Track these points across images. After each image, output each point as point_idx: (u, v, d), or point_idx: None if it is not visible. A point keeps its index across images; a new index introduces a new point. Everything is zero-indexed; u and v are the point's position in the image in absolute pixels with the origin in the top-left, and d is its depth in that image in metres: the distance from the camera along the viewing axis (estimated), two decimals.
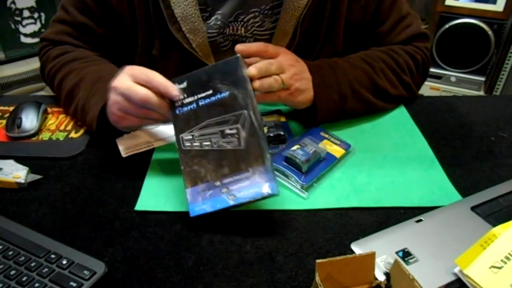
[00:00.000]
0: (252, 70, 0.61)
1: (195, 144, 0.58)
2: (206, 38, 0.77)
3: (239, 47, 0.65)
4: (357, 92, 0.74)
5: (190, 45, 0.76)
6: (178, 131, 0.59)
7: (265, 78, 0.64)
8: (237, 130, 0.56)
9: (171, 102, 0.60)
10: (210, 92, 0.59)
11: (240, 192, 0.54)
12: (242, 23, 0.77)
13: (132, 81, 0.60)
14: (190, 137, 0.58)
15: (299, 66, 0.70)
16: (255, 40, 0.79)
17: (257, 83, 0.62)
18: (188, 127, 0.59)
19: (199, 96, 0.59)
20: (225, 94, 0.58)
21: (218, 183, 0.56)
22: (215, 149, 0.57)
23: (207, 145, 0.57)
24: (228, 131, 0.57)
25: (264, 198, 0.54)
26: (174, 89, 0.59)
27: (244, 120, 0.57)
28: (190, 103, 0.59)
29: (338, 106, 0.73)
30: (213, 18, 0.76)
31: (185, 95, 0.60)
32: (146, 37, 0.78)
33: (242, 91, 0.58)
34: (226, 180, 0.55)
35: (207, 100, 0.59)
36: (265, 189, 0.54)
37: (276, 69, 0.65)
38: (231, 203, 0.54)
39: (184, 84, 0.60)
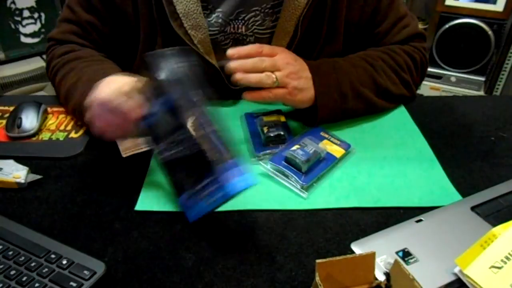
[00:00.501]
0: (229, 51, 0.64)
1: (168, 153, 0.56)
2: (207, 34, 0.77)
3: (229, 52, 0.66)
4: (358, 91, 0.74)
5: (192, 42, 0.76)
6: (154, 142, 0.58)
7: (253, 73, 0.65)
8: (184, 135, 0.55)
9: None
10: (163, 97, 0.56)
11: (212, 197, 0.54)
12: (243, 21, 0.78)
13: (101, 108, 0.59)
14: (164, 146, 0.57)
15: (297, 64, 0.70)
16: (256, 38, 0.80)
17: (238, 75, 0.64)
18: (160, 137, 0.57)
19: (160, 101, 0.56)
20: (168, 98, 0.56)
21: (194, 190, 0.55)
22: (181, 157, 0.55)
23: (175, 153, 0.56)
24: (179, 137, 0.55)
25: (237, 194, 0.53)
26: (136, 112, 0.57)
27: (185, 124, 0.55)
28: (156, 112, 0.57)
29: (339, 106, 0.73)
30: (214, 15, 0.77)
31: (152, 103, 0.57)
32: (149, 34, 0.78)
33: (172, 94, 0.55)
34: (198, 187, 0.54)
35: (163, 106, 0.56)
36: (232, 188, 0.52)
37: (269, 66, 0.67)
38: (208, 208, 0.54)
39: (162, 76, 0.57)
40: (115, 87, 0.59)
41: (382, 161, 0.68)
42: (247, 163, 0.53)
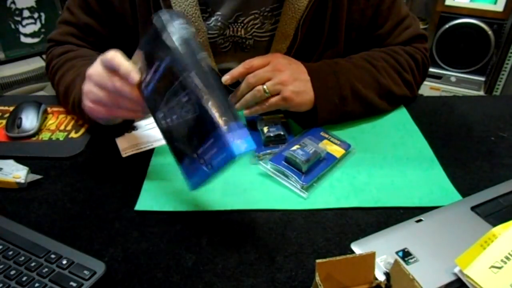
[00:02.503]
0: (223, 80, 0.69)
1: (168, 120, 0.56)
2: (206, 38, 0.77)
3: (223, 80, 0.69)
4: (359, 93, 0.74)
5: None
6: (152, 112, 0.58)
7: (246, 94, 0.69)
8: (188, 96, 0.52)
9: (139, 87, 0.58)
10: (158, 63, 0.55)
11: (213, 160, 0.51)
12: (242, 24, 0.77)
13: (104, 68, 0.59)
14: (162, 114, 0.56)
15: (292, 69, 0.71)
16: (255, 41, 0.79)
17: (237, 106, 0.70)
18: (158, 105, 0.56)
19: (153, 70, 0.56)
20: (167, 61, 0.54)
21: (195, 156, 0.53)
22: (181, 122, 0.54)
23: (175, 118, 0.55)
24: (183, 99, 0.53)
25: (240, 156, 0.50)
26: (134, 73, 0.57)
27: (192, 82, 0.51)
28: (150, 80, 0.57)
29: (338, 109, 0.73)
30: (213, 18, 0.77)
31: (145, 74, 0.57)
32: None
33: (182, 47, 0.53)
34: (199, 151, 0.52)
35: (159, 72, 0.55)
36: (236, 149, 0.49)
37: (257, 81, 0.69)
38: (209, 172, 0.52)
39: (140, 63, 0.58)
40: (101, 61, 0.60)
41: (382, 161, 0.68)
42: (245, 127, 0.51)
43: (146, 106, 0.59)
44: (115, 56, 0.58)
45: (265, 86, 0.68)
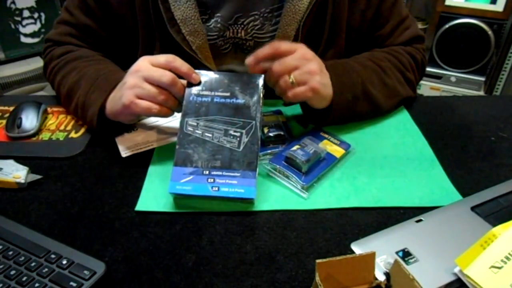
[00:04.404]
0: (248, 60, 0.65)
1: (197, 131, 0.62)
2: (206, 40, 0.77)
3: (248, 61, 0.66)
4: (368, 93, 0.73)
5: (190, 47, 0.76)
6: (184, 115, 0.63)
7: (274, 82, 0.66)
8: (240, 134, 0.61)
9: (187, 90, 0.64)
10: (228, 94, 0.64)
11: (225, 186, 0.58)
12: (242, 26, 0.77)
13: (153, 65, 0.63)
14: (195, 123, 0.62)
15: (318, 60, 0.67)
16: (255, 43, 0.79)
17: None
18: (196, 114, 0.63)
19: (217, 93, 0.64)
20: (240, 101, 0.64)
21: (206, 172, 0.59)
22: (214, 142, 0.61)
23: (208, 136, 0.61)
24: (232, 132, 0.62)
25: (242, 200, 0.59)
26: (194, 71, 0.64)
27: (251, 129, 0.62)
28: (206, 95, 0.64)
29: (350, 108, 0.72)
30: (212, 20, 0.76)
31: (204, 87, 0.65)
32: (147, 40, 0.78)
33: (256, 105, 0.63)
34: (214, 172, 0.59)
35: (222, 100, 0.64)
36: (249, 193, 0.58)
37: (284, 69, 0.64)
38: (212, 193, 0.58)
39: (204, 78, 0.65)
40: (150, 60, 0.65)
41: (382, 161, 0.68)
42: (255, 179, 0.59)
43: (182, 106, 0.64)
44: (175, 56, 0.64)
45: (292, 76, 0.64)
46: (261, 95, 0.64)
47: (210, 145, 0.61)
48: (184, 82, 0.65)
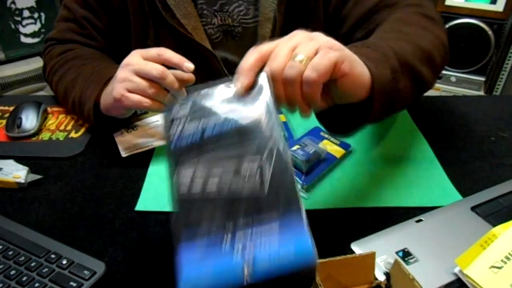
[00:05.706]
0: (238, 86, 0.44)
1: (195, 186, 0.39)
2: (199, 22, 0.79)
3: (239, 88, 0.44)
4: (405, 62, 0.55)
5: (186, 30, 0.77)
6: (173, 171, 0.42)
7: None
8: (258, 166, 0.39)
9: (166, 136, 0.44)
10: (225, 114, 0.42)
11: (261, 253, 0.34)
12: (228, 13, 0.79)
13: (144, 59, 0.62)
14: (190, 173, 0.41)
15: (323, 37, 0.46)
16: (243, 28, 0.80)
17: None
18: (188, 164, 0.41)
19: (209, 119, 0.42)
20: (245, 117, 0.41)
21: (225, 237, 0.36)
22: (225, 194, 0.38)
23: (211, 188, 0.39)
24: (245, 168, 0.39)
25: (298, 269, 0.34)
26: (186, 60, 0.61)
27: (272, 151, 0.39)
28: (191, 134, 0.42)
29: (393, 87, 0.52)
30: (198, 6, 0.78)
31: (187, 118, 0.43)
32: (140, 28, 0.80)
33: (269, 114, 0.41)
34: (239, 234, 0.36)
35: (218, 127, 0.42)
36: (305, 252, 0.34)
37: (282, 55, 0.43)
38: (247, 278, 0.33)
39: (186, 110, 0.44)
40: (141, 53, 0.63)
41: (382, 161, 0.68)
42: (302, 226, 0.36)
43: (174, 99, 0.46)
44: (166, 49, 0.62)
45: (296, 54, 0.43)
46: (271, 96, 0.42)
47: (221, 199, 0.38)
48: (178, 74, 0.61)
